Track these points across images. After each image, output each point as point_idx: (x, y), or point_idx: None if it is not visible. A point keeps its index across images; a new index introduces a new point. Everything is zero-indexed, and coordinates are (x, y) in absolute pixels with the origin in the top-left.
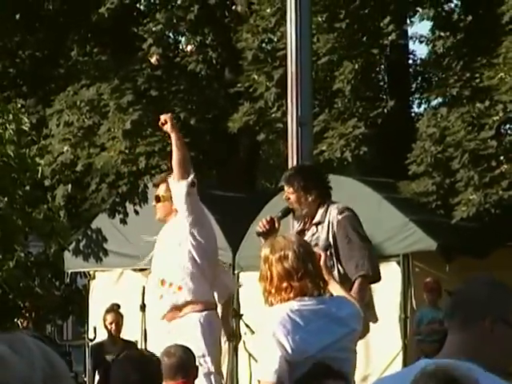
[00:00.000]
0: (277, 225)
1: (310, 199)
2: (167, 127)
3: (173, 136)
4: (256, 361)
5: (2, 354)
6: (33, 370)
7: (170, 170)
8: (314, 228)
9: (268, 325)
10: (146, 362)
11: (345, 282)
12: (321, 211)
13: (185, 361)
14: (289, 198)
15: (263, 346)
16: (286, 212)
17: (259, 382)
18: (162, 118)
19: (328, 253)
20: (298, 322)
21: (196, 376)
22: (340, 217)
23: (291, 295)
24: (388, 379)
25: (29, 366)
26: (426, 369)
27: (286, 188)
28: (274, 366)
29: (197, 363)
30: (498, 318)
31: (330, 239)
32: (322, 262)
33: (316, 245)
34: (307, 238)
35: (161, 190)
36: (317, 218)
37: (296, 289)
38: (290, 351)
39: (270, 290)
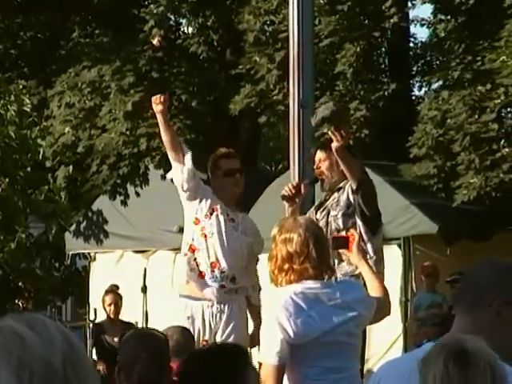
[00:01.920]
0: (303, 191)
1: (339, 169)
2: (159, 108)
3: (162, 118)
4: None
5: (22, 334)
6: (53, 350)
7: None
8: (335, 194)
9: (271, 307)
10: (155, 339)
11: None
12: (344, 180)
13: (182, 343)
14: (319, 167)
15: (265, 329)
16: (314, 180)
17: (260, 364)
18: (159, 98)
19: (349, 211)
20: (300, 305)
21: None
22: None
23: (292, 278)
24: (395, 362)
25: (48, 346)
26: (438, 342)
27: (318, 154)
28: (275, 349)
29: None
30: (505, 301)
31: (351, 199)
32: (355, 244)
33: (337, 205)
34: (329, 202)
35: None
36: (340, 185)
37: (296, 272)
38: (291, 334)
39: (273, 270)
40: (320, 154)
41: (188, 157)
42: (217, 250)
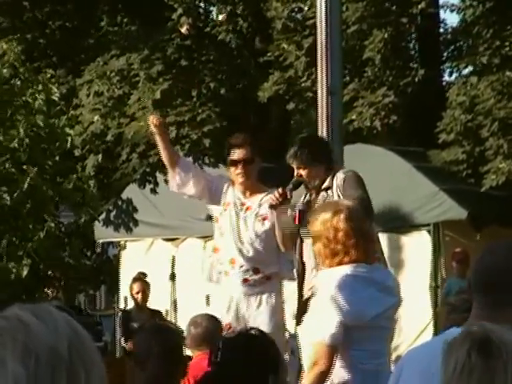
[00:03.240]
0: (289, 196)
1: (320, 170)
2: (153, 130)
3: (158, 139)
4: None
5: (27, 321)
6: (58, 336)
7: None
8: (324, 194)
9: (325, 287)
10: (169, 333)
11: None
12: (329, 178)
13: (211, 331)
14: (301, 175)
15: (319, 309)
16: (298, 184)
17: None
18: (153, 120)
19: None
20: (354, 287)
21: None
22: (344, 175)
23: (354, 255)
24: (418, 348)
25: (54, 333)
26: (463, 330)
27: (295, 165)
28: (330, 329)
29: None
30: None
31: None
32: None
33: None
34: (320, 202)
35: (248, 152)
36: (325, 184)
37: (359, 250)
38: (348, 315)
39: (334, 249)
40: (296, 165)
41: (181, 178)
42: (232, 247)
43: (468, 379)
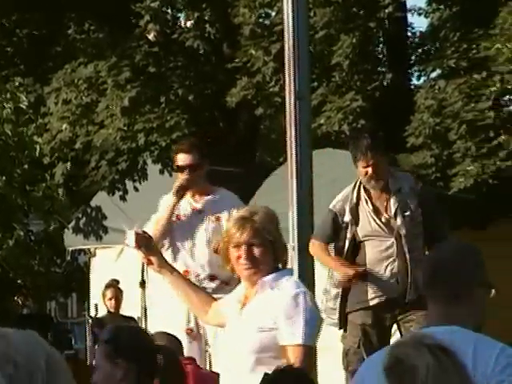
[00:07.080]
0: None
1: (387, 166)
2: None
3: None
4: None
5: (5, 332)
6: (36, 349)
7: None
8: (395, 196)
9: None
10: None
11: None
12: (392, 179)
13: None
14: (366, 173)
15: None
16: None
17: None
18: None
19: (409, 219)
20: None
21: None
22: (419, 187)
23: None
24: (375, 356)
25: (32, 346)
26: (404, 340)
27: (368, 158)
28: (314, 330)
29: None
30: (479, 283)
31: (411, 206)
32: None
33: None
34: (392, 205)
35: (195, 158)
36: (396, 186)
37: None
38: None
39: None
40: (367, 164)
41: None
42: (182, 256)
43: (446, 378)
